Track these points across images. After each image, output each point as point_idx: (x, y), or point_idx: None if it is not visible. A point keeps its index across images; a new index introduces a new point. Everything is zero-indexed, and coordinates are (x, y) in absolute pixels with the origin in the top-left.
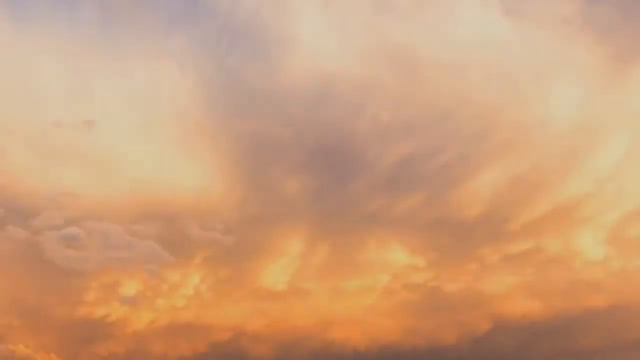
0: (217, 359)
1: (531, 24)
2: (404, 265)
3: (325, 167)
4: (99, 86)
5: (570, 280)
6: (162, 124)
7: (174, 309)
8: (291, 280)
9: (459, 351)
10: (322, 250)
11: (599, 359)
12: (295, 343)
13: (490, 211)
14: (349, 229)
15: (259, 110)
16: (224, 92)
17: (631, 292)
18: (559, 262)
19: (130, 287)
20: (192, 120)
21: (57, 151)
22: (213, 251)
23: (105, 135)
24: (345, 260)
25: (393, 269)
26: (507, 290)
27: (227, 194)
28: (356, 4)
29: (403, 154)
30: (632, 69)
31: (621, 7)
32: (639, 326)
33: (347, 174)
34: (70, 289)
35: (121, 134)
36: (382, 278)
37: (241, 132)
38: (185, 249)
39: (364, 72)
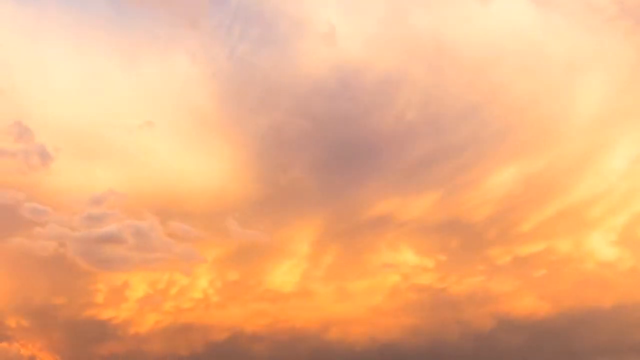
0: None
1: (561, 14)
2: (413, 266)
3: (341, 165)
4: (109, 79)
5: (580, 280)
6: (173, 118)
7: (181, 310)
8: (299, 280)
9: (463, 350)
10: (331, 251)
11: (609, 358)
12: (296, 343)
13: (502, 212)
14: (360, 230)
15: (274, 104)
16: (237, 85)
17: None
18: (570, 263)
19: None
20: (204, 115)
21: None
22: (224, 251)
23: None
24: (354, 261)
25: (401, 270)
26: (516, 291)
27: (240, 192)
28: None
29: (420, 154)
30: None
31: None
32: None
33: (362, 174)
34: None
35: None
36: (389, 279)
37: (256, 127)
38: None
39: (388, 64)
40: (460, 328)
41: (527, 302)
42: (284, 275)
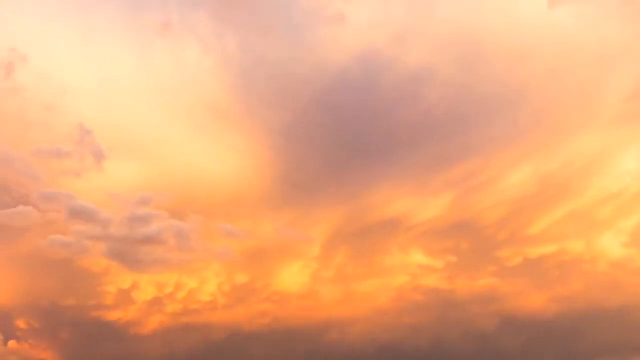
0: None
1: (594, 5)
2: (421, 268)
3: (357, 164)
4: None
5: (590, 282)
6: (185, 110)
7: (188, 310)
8: (308, 282)
9: (468, 351)
10: (342, 252)
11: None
12: (298, 344)
13: (514, 214)
14: (371, 232)
15: (293, 98)
16: (252, 76)
17: None
18: (581, 264)
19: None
20: (216, 107)
21: None
22: (234, 250)
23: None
24: (364, 262)
25: (410, 271)
26: (525, 292)
27: (255, 190)
28: None
29: (436, 154)
30: None
31: None
32: None
33: (378, 173)
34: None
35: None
36: (397, 281)
37: (271, 122)
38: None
39: (414, 58)
40: (466, 329)
41: (535, 303)
42: (293, 276)
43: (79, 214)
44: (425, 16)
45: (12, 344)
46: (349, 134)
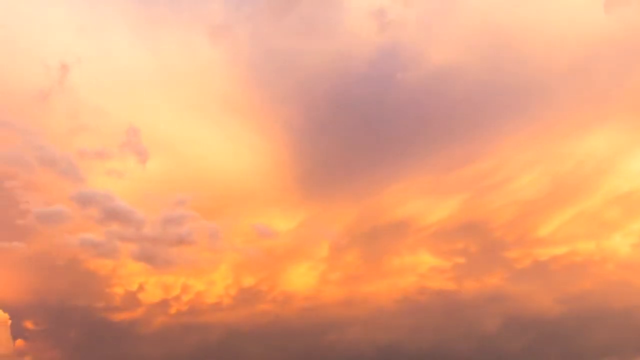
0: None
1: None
2: (428, 269)
3: (376, 164)
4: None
5: (599, 282)
6: (199, 104)
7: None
8: (315, 284)
9: (473, 353)
10: (350, 254)
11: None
12: (301, 344)
13: (524, 215)
14: (380, 233)
15: (310, 95)
16: (267, 70)
17: None
18: (589, 265)
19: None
20: (230, 101)
21: None
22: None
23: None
24: (373, 264)
25: (417, 272)
26: (532, 293)
27: (269, 188)
28: None
29: (452, 155)
30: None
31: None
32: None
33: (393, 174)
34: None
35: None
36: (404, 282)
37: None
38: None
39: (441, 53)
40: (470, 329)
41: (543, 304)
42: (300, 277)
43: (115, 214)
44: (452, 10)
45: None
46: (367, 131)
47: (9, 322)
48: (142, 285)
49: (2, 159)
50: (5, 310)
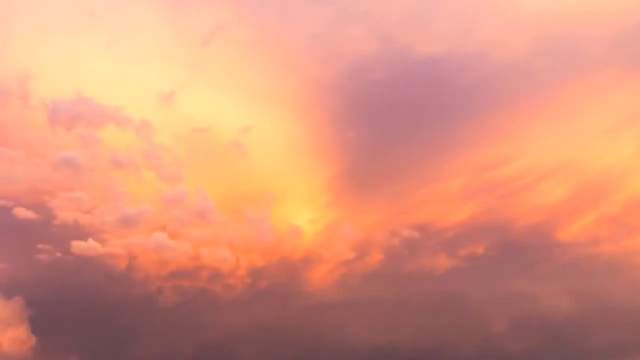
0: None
1: None
2: (443, 273)
3: (411, 165)
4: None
5: (621, 285)
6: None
7: None
8: (331, 289)
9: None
10: (371, 257)
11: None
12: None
13: (547, 219)
14: (404, 234)
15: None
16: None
17: None
18: (610, 267)
19: None
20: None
21: None
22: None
23: None
24: (391, 267)
25: (431, 277)
26: (553, 294)
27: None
28: None
29: (485, 158)
30: None
31: None
32: None
33: (425, 177)
34: None
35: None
36: (419, 286)
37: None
38: None
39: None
40: (475, 330)
41: (563, 306)
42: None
43: None
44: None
45: None
46: (413, 130)
47: None
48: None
49: None
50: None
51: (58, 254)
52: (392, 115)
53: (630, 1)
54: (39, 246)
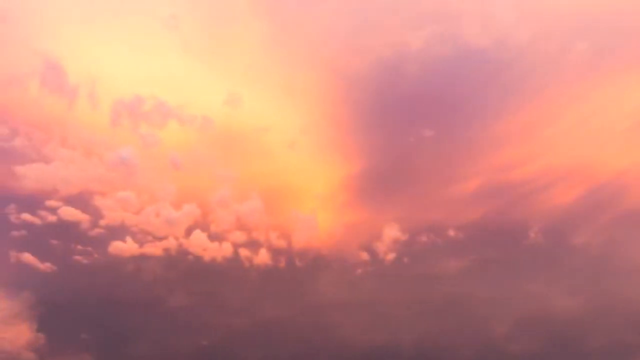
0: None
1: None
2: (448, 278)
3: (439, 166)
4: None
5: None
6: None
7: None
8: (341, 290)
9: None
10: (382, 260)
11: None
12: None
13: (557, 222)
14: (412, 239)
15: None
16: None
17: None
18: (621, 272)
19: None
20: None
21: None
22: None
23: None
24: (404, 271)
25: (439, 278)
26: (565, 298)
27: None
28: None
29: (501, 161)
30: None
31: None
32: None
33: (448, 178)
34: None
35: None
36: (425, 290)
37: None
38: None
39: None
40: (477, 332)
41: (571, 308)
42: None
43: None
44: None
45: None
46: (440, 128)
47: None
48: None
49: None
50: None
51: (96, 255)
52: (421, 112)
53: None
54: (79, 247)
